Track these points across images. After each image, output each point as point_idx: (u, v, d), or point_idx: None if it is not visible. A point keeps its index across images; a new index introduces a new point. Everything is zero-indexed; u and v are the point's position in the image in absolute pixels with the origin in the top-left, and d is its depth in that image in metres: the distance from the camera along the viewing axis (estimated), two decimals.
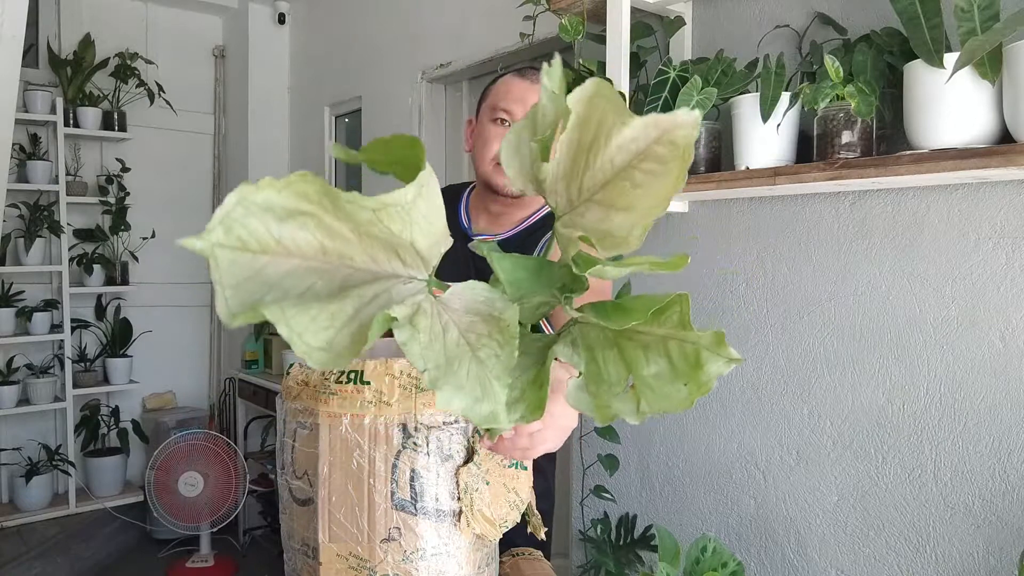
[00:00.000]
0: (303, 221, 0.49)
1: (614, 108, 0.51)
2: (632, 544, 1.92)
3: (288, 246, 0.49)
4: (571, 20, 1.74)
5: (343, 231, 0.51)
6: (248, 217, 0.47)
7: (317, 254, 0.50)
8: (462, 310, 0.54)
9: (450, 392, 0.49)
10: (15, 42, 2.29)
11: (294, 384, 0.96)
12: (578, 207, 0.57)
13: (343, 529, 0.89)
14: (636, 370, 0.55)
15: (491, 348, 0.52)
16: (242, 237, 0.47)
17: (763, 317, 1.70)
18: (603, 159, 0.53)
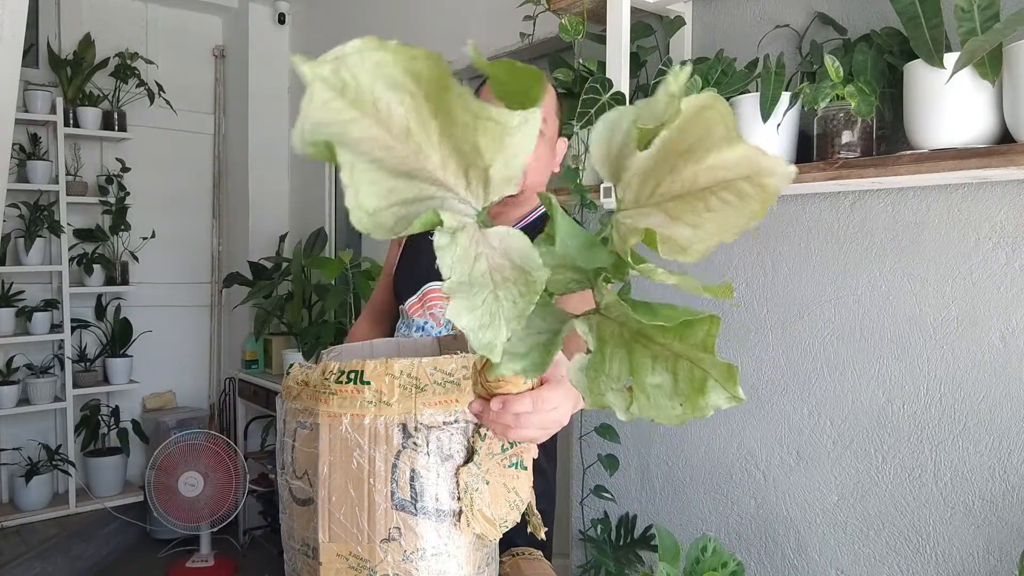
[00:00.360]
0: (404, 98, 0.50)
1: (725, 126, 0.51)
2: (632, 544, 1.92)
3: (381, 114, 0.50)
4: (571, 20, 1.74)
5: (431, 128, 0.51)
6: (360, 67, 0.48)
7: (400, 135, 0.51)
8: (499, 250, 0.54)
9: (462, 307, 0.51)
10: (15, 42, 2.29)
11: (294, 384, 0.96)
12: (643, 207, 0.57)
13: (343, 529, 0.89)
14: (639, 375, 0.56)
15: (510, 293, 0.53)
16: (346, 81, 0.48)
17: (763, 317, 1.70)
18: (689, 172, 0.54)
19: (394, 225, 0.51)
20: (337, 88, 0.48)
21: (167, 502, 3.12)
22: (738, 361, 1.75)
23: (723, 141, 0.51)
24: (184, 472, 3.15)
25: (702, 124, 0.52)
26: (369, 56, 0.48)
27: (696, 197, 0.54)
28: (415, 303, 1.36)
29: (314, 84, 0.47)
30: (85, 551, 3.25)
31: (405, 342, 1.23)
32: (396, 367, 0.89)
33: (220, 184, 4.07)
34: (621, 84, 1.68)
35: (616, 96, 1.67)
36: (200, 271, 4.05)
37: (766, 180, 0.51)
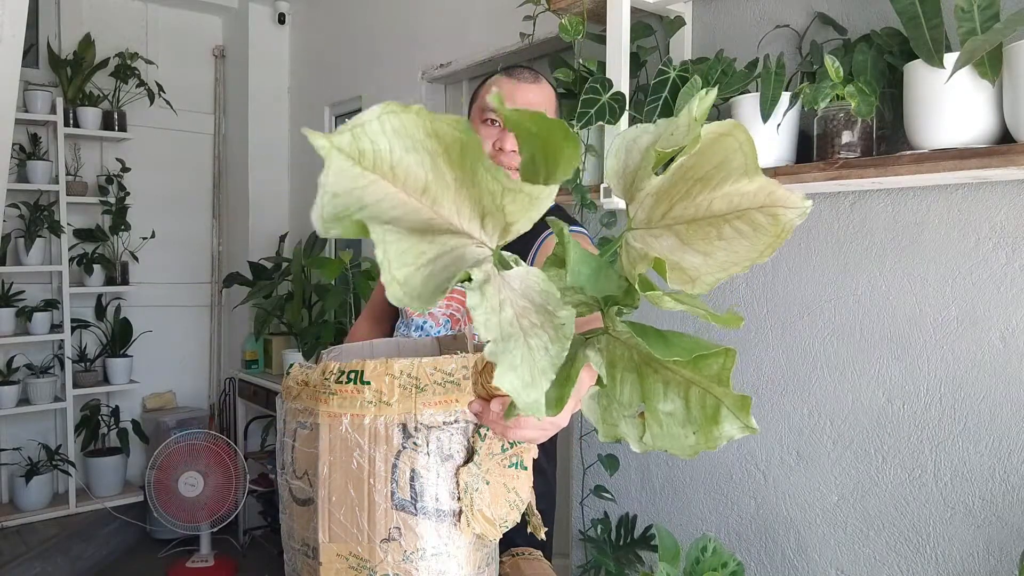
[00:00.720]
0: (423, 158, 0.49)
1: (744, 156, 0.50)
2: (632, 544, 1.92)
3: (399, 176, 0.49)
4: (571, 20, 1.74)
5: (448, 178, 0.51)
6: (379, 135, 0.48)
7: (416, 192, 0.50)
8: (519, 291, 0.53)
9: (506, 369, 0.49)
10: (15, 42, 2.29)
11: (294, 384, 0.96)
12: (655, 228, 0.56)
13: (343, 529, 0.89)
14: (651, 401, 0.55)
15: (541, 340, 0.52)
16: (363, 151, 0.48)
17: (763, 317, 1.70)
18: (704, 197, 0.53)
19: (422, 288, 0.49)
20: (354, 156, 0.49)
21: (167, 502, 3.12)
22: (738, 361, 1.75)
23: (741, 171, 0.51)
24: (184, 472, 3.15)
25: (720, 152, 0.51)
26: (388, 121, 0.48)
27: (709, 223, 0.53)
28: None
29: (330, 154, 0.48)
30: (85, 551, 3.26)
31: (405, 342, 1.23)
32: (396, 367, 0.89)
33: (220, 184, 4.07)
34: (621, 84, 1.68)
35: (616, 96, 1.67)
36: (200, 271, 4.05)
37: (780, 211, 0.50)
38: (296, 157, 3.93)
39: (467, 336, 1.08)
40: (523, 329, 0.51)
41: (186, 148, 3.96)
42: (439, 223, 0.52)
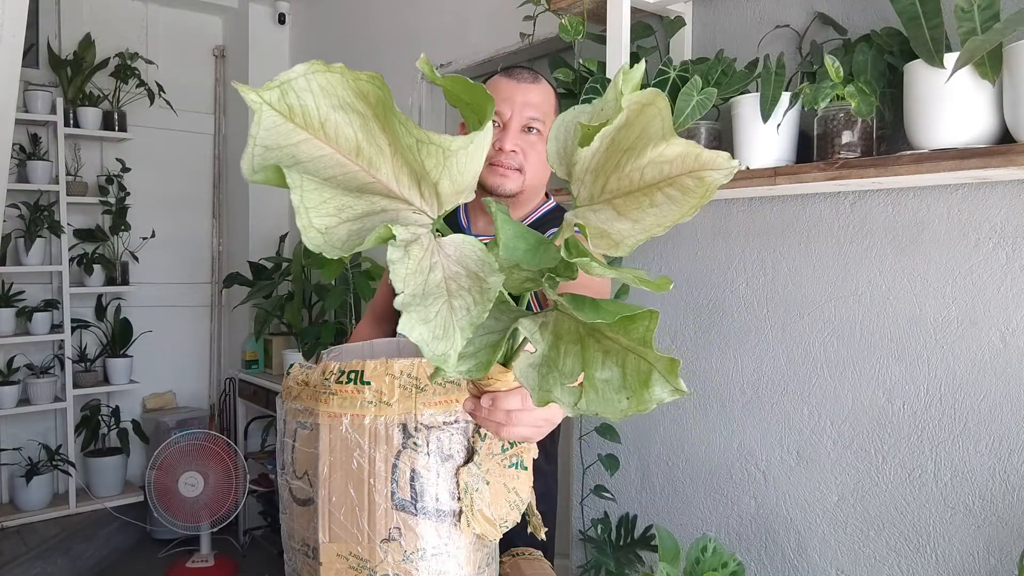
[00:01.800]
0: (352, 118, 0.52)
1: (663, 122, 0.52)
2: (632, 544, 1.92)
3: (329, 134, 0.52)
4: (571, 20, 1.74)
5: (382, 143, 0.53)
6: (306, 92, 0.50)
7: (351, 153, 0.52)
8: (454, 258, 0.55)
9: (415, 320, 0.51)
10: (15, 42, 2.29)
11: (294, 384, 0.96)
12: (595, 204, 0.58)
13: (343, 529, 0.89)
14: (589, 370, 0.56)
15: (465, 301, 0.53)
16: (292, 106, 0.50)
17: (763, 317, 1.70)
18: (634, 167, 0.55)
19: (346, 241, 0.51)
20: (284, 112, 0.50)
21: (167, 502, 3.12)
22: (738, 361, 1.75)
23: (659, 136, 0.52)
24: (184, 472, 3.15)
25: (643, 121, 0.53)
26: (316, 80, 0.49)
27: (643, 193, 0.55)
28: None
29: (260, 109, 0.49)
30: (85, 551, 3.26)
31: (405, 342, 1.23)
32: (396, 367, 0.89)
33: (220, 184, 4.07)
34: None
35: None
36: (200, 271, 4.05)
37: (708, 174, 0.52)
38: None
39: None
40: (449, 291, 0.53)
41: (186, 148, 3.96)
42: (378, 188, 0.54)
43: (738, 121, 1.53)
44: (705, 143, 1.63)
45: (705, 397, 1.83)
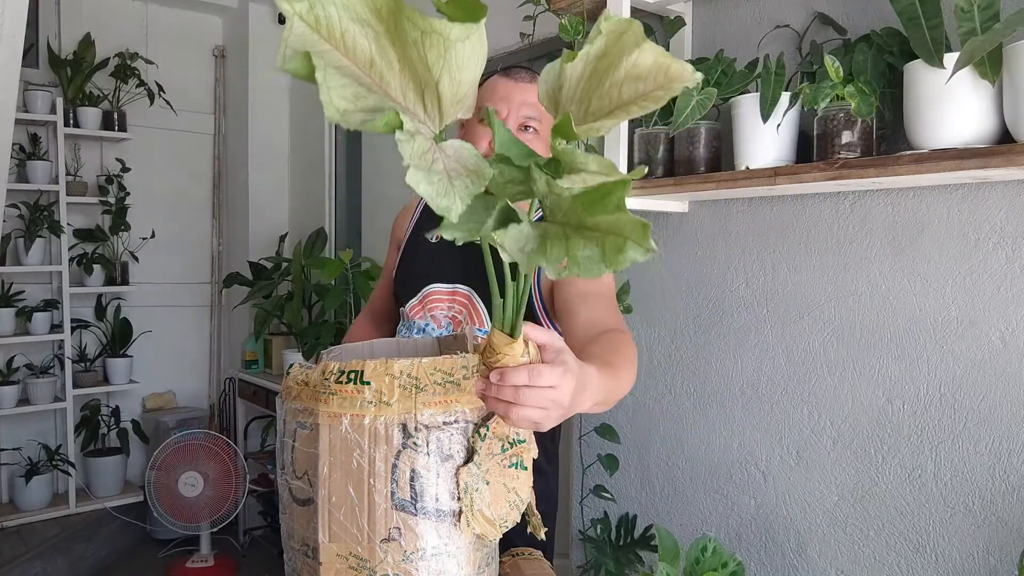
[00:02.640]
0: (367, 31, 0.60)
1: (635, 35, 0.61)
2: (632, 544, 1.92)
3: (348, 44, 0.59)
4: (571, 20, 1.74)
5: (391, 56, 0.61)
6: (330, 4, 0.58)
7: (365, 65, 0.60)
8: (453, 157, 0.62)
9: (422, 177, 0.58)
10: (15, 42, 2.29)
11: (294, 384, 0.96)
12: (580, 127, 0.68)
13: (343, 529, 0.89)
14: (573, 251, 0.61)
15: (464, 181, 0.61)
16: (318, 17, 0.58)
17: (763, 317, 1.70)
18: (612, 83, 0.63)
19: (360, 124, 0.58)
20: (311, 22, 0.58)
21: (167, 502, 3.12)
22: (738, 361, 1.75)
23: (633, 44, 0.61)
24: (184, 472, 3.15)
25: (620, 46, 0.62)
26: None
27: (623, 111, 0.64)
28: (416, 305, 1.35)
29: (292, 18, 0.58)
30: (85, 551, 3.25)
31: (405, 342, 1.23)
32: (396, 367, 0.89)
33: (220, 184, 4.07)
34: None
35: None
36: (200, 271, 4.05)
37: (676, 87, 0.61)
38: (296, 157, 3.93)
39: (467, 336, 1.08)
40: (449, 174, 0.60)
41: (186, 148, 3.96)
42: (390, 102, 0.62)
43: (738, 121, 1.53)
44: (705, 143, 1.63)
45: (705, 397, 1.83)
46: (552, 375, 0.79)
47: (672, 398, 1.90)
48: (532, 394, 0.79)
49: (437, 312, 1.33)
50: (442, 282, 1.34)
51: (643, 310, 1.97)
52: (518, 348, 0.81)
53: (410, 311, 1.35)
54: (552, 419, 0.82)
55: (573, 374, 0.81)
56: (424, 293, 1.34)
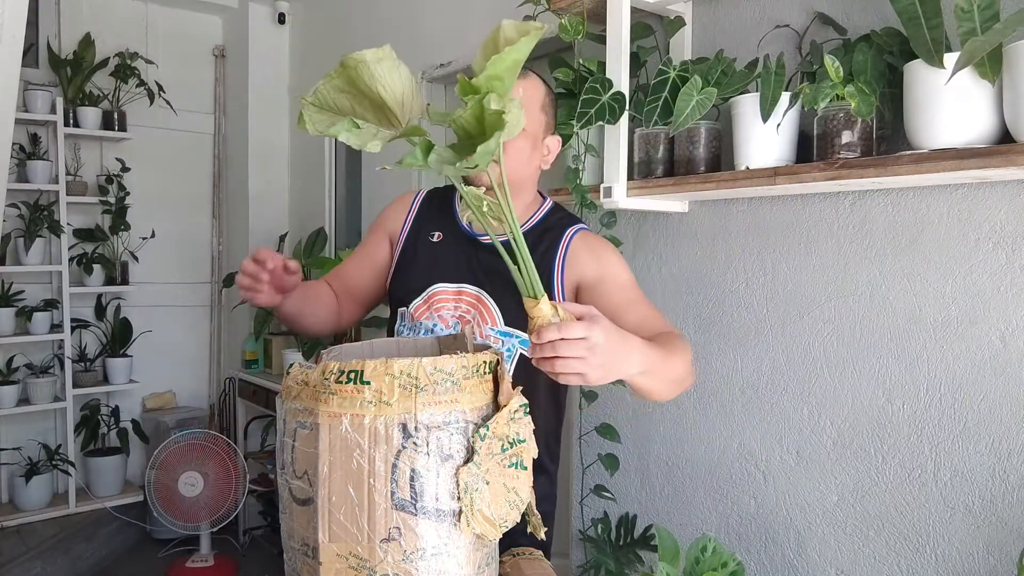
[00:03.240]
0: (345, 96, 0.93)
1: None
2: (632, 544, 1.92)
3: (339, 106, 0.94)
4: (571, 20, 1.74)
5: (363, 102, 0.94)
6: (323, 91, 0.94)
7: (349, 111, 0.94)
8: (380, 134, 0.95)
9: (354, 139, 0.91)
10: (15, 42, 2.29)
11: (294, 384, 0.96)
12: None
13: (343, 529, 0.89)
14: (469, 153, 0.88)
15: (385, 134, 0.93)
16: (320, 96, 0.94)
17: (763, 317, 1.70)
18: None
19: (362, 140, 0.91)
20: (315, 102, 0.95)
21: (167, 502, 3.12)
22: (738, 361, 1.75)
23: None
24: (184, 472, 3.15)
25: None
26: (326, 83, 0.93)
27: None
28: (420, 305, 1.33)
29: (306, 107, 0.94)
30: (85, 551, 3.25)
31: (405, 342, 1.23)
32: (396, 367, 0.89)
33: (220, 184, 4.07)
34: (621, 84, 1.68)
35: (616, 96, 1.67)
36: (200, 271, 4.05)
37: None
38: (296, 157, 3.93)
39: (467, 336, 1.08)
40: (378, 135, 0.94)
41: (186, 148, 3.96)
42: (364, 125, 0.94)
43: (738, 121, 1.53)
44: (705, 143, 1.63)
45: (705, 397, 1.83)
46: (580, 327, 0.87)
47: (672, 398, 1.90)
48: (565, 346, 0.86)
49: (444, 312, 1.32)
50: (446, 282, 1.33)
51: None
52: (545, 307, 0.91)
53: (414, 312, 1.33)
54: (596, 368, 0.88)
55: (603, 327, 0.89)
56: (429, 293, 1.33)
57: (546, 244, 1.32)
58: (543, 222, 1.37)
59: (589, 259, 1.30)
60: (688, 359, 1.14)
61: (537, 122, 1.31)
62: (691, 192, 1.65)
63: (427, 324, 1.32)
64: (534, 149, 1.33)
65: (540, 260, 1.28)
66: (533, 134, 1.31)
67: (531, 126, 1.29)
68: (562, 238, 1.33)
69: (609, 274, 1.30)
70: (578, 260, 1.30)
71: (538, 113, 1.31)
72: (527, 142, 1.30)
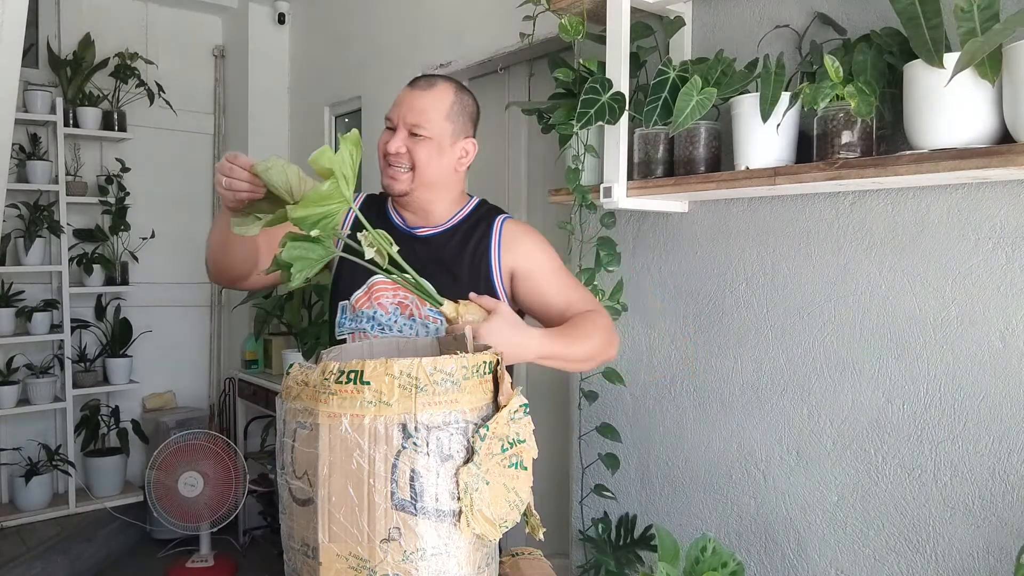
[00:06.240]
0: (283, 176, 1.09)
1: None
2: (632, 544, 1.92)
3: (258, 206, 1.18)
4: (571, 20, 1.74)
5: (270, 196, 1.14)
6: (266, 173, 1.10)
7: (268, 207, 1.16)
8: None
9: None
10: (15, 42, 2.29)
11: (294, 384, 0.96)
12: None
13: (343, 529, 0.89)
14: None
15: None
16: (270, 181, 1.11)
17: (763, 317, 1.70)
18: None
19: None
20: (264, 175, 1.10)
21: (167, 502, 3.12)
22: (738, 361, 1.75)
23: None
24: (184, 472, 3.15)
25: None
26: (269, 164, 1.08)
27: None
28: (362, 296, 1.44)
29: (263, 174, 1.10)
30: (85, 551, 3.25)
31: (405, 342, 1.23)
32: (396, 367, 0.89)
33: None
34: (621, 84, 1.68)
35: (616, 96, 1.67)
36: (200, 271, 4.02)
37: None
38: (296, 157, 3.93)
39: (467, 336, 1.08)
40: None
41: (186, 148, 3.96)
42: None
43: (738, 121, 1.53)
44: (705, 143, 1.63)
45: (705, 397, 1.83)
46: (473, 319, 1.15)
47: (672, 398, 1.90)
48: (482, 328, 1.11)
49: (383, 299, 1.43)
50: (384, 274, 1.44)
51: (643, 310, 1.97)
52: (448, 309, 1.15)
53: (356, 303, 1.44)
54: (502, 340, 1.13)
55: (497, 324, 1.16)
56: (369, 284, 1.44)
57: (479, 234, 1.47)
58: (472, 215, 1.50)
59: (520, 249, 1.47)
60: (599, 339, 1.35)
61: (442, 129, 1.42)
62: (691, 192, 1.65)
63: (367, 312, 1.43)
64: (442, 154, 1.43)
65: (476, 249, 1.45)
66: (438, 140, 1.42)
67: (435, 133, 1.41)
68: (493, 227, 1.48)
69: (538, 263, 1.47)
70: (511, 249, 1.47)
71: (443, 121, 1.42)
72: (434, 148, 1.41)
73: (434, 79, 1.45)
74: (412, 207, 1.48)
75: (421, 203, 1.47)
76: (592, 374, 1.98)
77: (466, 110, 1.47)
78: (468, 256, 1.45)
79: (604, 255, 1.86)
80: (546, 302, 1.44)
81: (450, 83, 1.46)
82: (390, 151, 1.41)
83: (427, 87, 1.43)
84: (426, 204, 1.47)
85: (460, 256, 1.45)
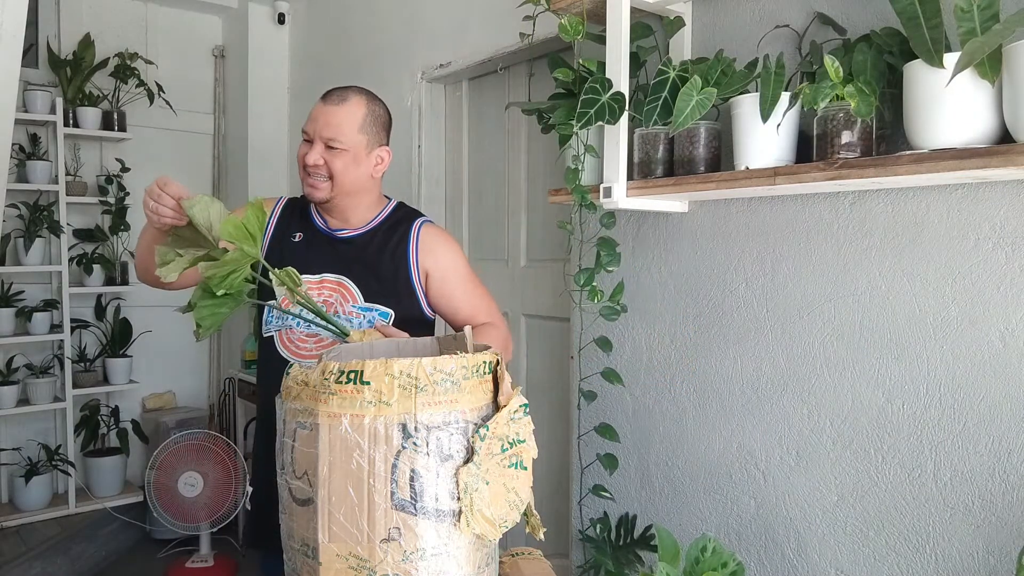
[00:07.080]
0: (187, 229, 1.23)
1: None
2: (632, 544, 1.92)
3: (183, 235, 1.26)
4: (571, 20, 1.74)
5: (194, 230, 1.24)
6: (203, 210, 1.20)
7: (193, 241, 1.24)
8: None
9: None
10: (15, 42, 2.29)
11: (294, 384, 0.96)
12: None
13: (343, 529, 0.89)
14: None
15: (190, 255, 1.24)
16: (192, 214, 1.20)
17: (763, 317, 1.70)
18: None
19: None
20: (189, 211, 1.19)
21: (167, 502, 3.12)
22: (738, 361, 1.75)
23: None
24: (184, 472, 3.15)
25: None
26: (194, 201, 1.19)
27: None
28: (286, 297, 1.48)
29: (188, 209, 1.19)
30: (85, 551, 3.25)
31: (404, 342, 1.24)
32: (396, 367, 0.89)
33: (220, 184, 4.06)
34: (621, 84, 1.68)
35: (616, 96, 1.67)
36: None
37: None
38: (295, 157, 3.93)
39: (467, 336, 1.08)
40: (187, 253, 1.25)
41: (186, 148, 3.96)
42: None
43: (738, 121, 1.53)
44: (705, 143, 1.63)
45: (705, 397, 1.83)
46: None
47: (672, 398, 1.90)
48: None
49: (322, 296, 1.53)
50: (310, 274, 1.55)
51: (643, 310, 1.97)
52: (355, 337, 1.29)
53: (282, 302, 1.49)
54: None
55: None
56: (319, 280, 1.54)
57: (398, 236, 1.58)
58: (390, 217, 1.62)
59: (434, 254, 1.58)
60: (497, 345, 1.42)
61: (356, 141, 1.52)
62: (691, 192, 1.65)
63: (294, 311, 1.49)
64: (358, 164, 1.53)
65: (395, 249, 1.56)
66: (354, 151, 1.51)
67: (350, 145, 1.50)
68: (411, 230, 1.59)
69: (451, 268, 1.59)
70: (427, 252, 1.58)
71: (356, 134, 1.51)
72: (351, 159, 1.51)
73: (346, 93, 1.53)
74: (333, 212, 1.59)
75: (341, 208, 1.58)
76: (592, 374, 1.98)
77: (379, 120, 1.56)
78: (388, 257, 1.56)
79: (604, 255, 1.86)
80: (455, 306, 1.59)
81: (362, 95, 1.54)
82: (308, 163, 1.51)
83: (339, 102, 1.51)
84: (345, 209, 1.58)
85: (380, 257, 1.56)
